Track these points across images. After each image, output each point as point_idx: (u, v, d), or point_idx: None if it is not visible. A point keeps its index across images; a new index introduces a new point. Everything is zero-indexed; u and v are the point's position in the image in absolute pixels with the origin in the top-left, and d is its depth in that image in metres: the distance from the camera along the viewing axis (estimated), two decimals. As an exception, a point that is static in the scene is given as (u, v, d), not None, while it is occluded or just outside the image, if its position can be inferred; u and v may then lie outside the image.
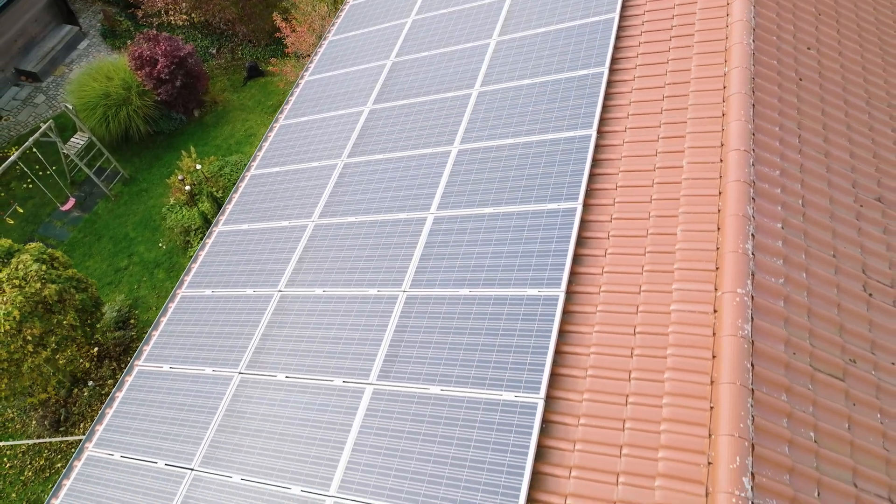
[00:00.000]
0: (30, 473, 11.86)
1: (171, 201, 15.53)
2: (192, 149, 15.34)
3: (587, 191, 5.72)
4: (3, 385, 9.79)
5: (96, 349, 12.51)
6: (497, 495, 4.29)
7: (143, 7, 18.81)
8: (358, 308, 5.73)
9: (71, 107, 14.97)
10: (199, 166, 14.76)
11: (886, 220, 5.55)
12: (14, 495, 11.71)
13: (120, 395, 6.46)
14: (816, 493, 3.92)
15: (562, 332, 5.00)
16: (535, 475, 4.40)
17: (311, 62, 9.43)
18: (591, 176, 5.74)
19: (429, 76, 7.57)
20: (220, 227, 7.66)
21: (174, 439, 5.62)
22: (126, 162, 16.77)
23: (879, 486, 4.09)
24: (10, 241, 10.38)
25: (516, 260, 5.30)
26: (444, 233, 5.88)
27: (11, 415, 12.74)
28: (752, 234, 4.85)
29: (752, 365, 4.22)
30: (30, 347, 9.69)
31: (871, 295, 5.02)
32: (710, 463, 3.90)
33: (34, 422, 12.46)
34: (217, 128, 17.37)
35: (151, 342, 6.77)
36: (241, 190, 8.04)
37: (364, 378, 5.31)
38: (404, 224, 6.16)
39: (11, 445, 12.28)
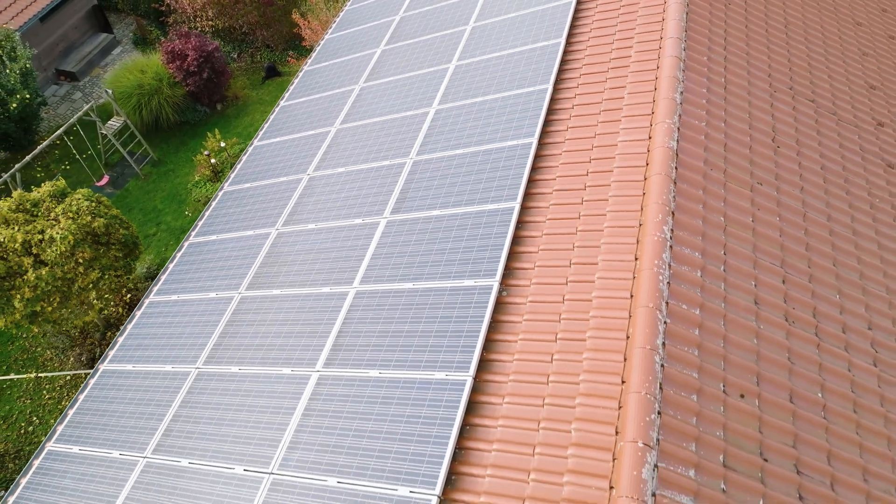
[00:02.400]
0: (66, 403, 13.13)
1: (197, 178, 17.19)
2: (217, 131, 17.06)
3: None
4: (56, 301, 11.18)
5: (129, 296, 13.92)
6: (423, 464, 4.90)
7: (174, 14, 20.86)
8: (311, 305, 6.58)
9: (110, 91, 16.76)
10: (223, 144, 16.45)
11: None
12: (52, 422, 12.96)
13: (83, 397, 7.27)
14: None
15: (493, 322, 5.63)
16: (463, 450, 4.96)
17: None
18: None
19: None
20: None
21: (131, 431, 6.48)
22: (155, 147, 18.49)
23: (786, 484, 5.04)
24: (64, 182, 11.95)
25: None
26: (394, 233, 6.80)
27: (50, 355, 14.09)
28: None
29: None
30: (80, 269, 11.14)
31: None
32: (619, 406, 4.68)
33: (71, 359, 13.81)
34: (238, 118, 19.15)
35: (117, 346, 7.65)
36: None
37: (311, 366, 6.03)
38: (359, 227, 7.19)
39: (51, 379, 13.60)
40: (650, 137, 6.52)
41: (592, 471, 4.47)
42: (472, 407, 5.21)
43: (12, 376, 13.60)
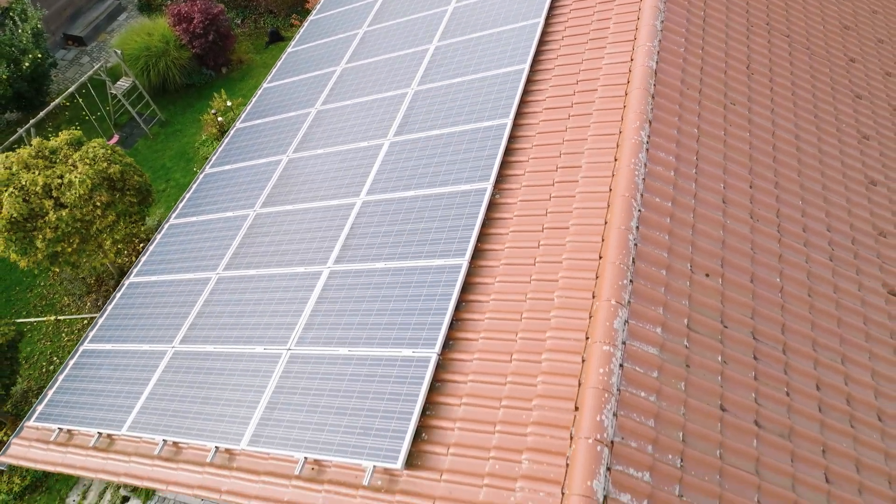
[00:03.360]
0: (84, 344, 13.84)
1: (204, 137, 17.72)
2: (223, 91, 17.58)
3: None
4: (75, 243, 11.80)
5: (141, 246, 14.54)
6: (424, 330, 5.41)
7: (178, -20, 21.24)
8: (322, 215, 7.13)
9: (119, 51, 17.25)
10: (229, 103, 16.98)
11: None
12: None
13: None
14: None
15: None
16: (459, 321, 5.45)
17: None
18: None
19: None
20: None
21: (158, 329, 7.09)
22: (162, 108, 19.00)
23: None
24: (80, 132, 12.51)
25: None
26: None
27: (67, 301, 14.75)
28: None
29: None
30: (98, 212, 11.74)
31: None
32: (597, 277, 5.24)
33: (88, 304, 14.47)
34: (242, 81, 19.64)
35: (141, 263, 8.38)
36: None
37: (323, 264, 6.55)
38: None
39: (69, 323, 14.27)
40: (632, 59, 7.10)
41: (573, 327, 5.11)
42: (467, 287, 5.86)
43: (32, 319, 14.27)
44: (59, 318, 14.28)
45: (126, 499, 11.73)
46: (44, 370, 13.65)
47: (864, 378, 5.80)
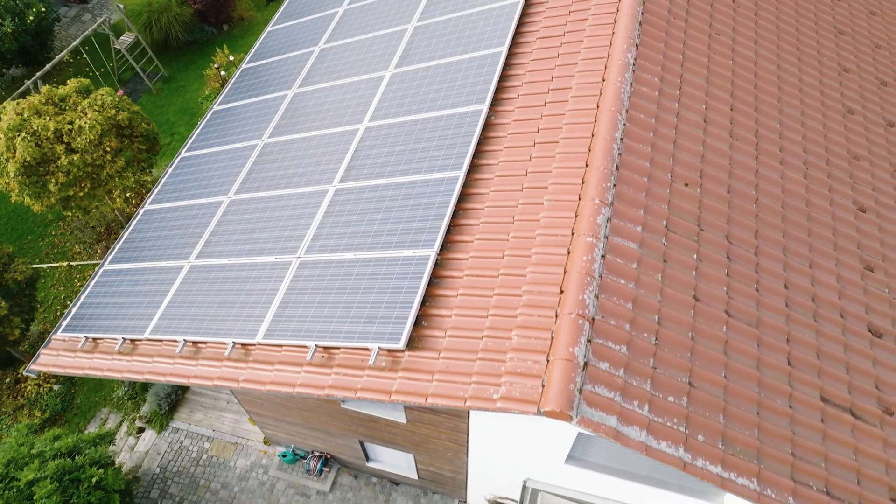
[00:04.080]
0: (96, 289, 14.35)
1: (207, 92, 17.99)
2: (225, 46, 17.79)
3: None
4: (87, 187, 12.21)
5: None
6: (423, 234, 5.85)
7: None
8: (327, 141, 7.51)
9: (122, 6, 17.42)
10: (231, 58, 17.22)
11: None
12: (84, 305, 14.20)
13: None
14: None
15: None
16: (455, 227, 5.94)
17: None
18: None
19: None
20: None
21: (174, 248, 7.53)
22: (165, 65, 19.23)
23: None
24: (88, 80, 12.82)
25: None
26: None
27: (78, 249, 15.22)
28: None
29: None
30: (108, 157, 12.13)
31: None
32: (583, 182, 5.74)
33: (98, 251, 14.94)
34: (244, 38, 19.82)
35: (154, 193, 8.80)
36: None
37: (329, 183, 6.98)
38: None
39: (80, 269, 14.76)
40: (621, -9, 7.43)
41: (560, 225, 5.56)
42: (463, 197, 6.30)
43: (45, 265, 14.75)
44: (71, 264, 14.77)
45: (141, 429, 12.36)
46: (58, 313, 14.18)
47: (829, 281, 6.27)
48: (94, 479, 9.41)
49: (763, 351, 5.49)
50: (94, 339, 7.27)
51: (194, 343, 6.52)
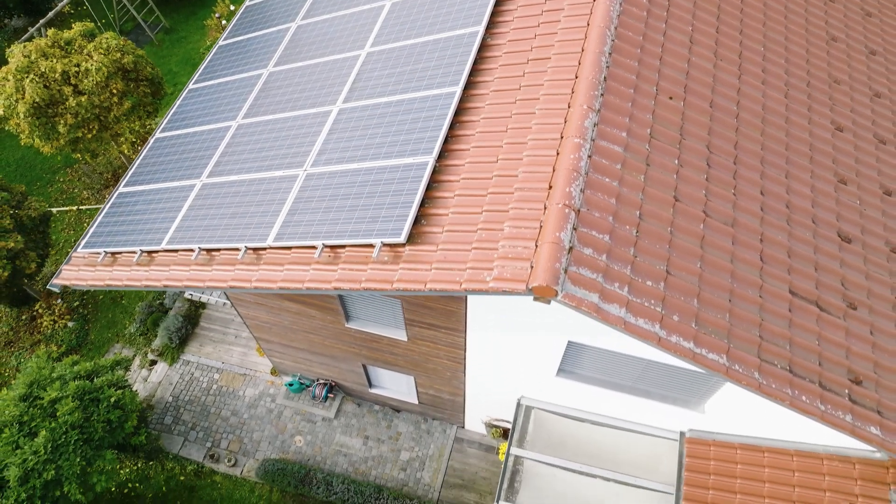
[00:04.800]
0: (106, 232, 14.79)
1: (208, 42, 18.16)
2: (226, -4, 17.89)
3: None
4: (95, 129, 12.54)
5: (154, 141, 15.25)
6: (423, 143, 6.20)
7: None
8: (330, 66, 7.79)
9: (122, -45, 17.47)
10: (232, 7, 17.34)
11: None
12: (94, 247, 14.68)
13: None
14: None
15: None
16: (452, 137, 6.31)
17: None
18: None
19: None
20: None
21: (186, 169, 7.87)
22: (166, 16, 19.33)
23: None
24: (92, 24, 13.04)
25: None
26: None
27: (87, 195, 15.61)
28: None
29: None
30: (115, 99, 12.43)
31: None
32: (572, 92, 6.11)
33: (106, 197, 15.33)
34: (243, -10, 19.88)
35: (164, 122, 9.12)
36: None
37: (332, 104, 7.34)
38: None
39: (89, 213, 15.17)
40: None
41: (550, 129, 5.94)
42: (460, 111, 6.66)
43: (56, 209, 15.16)
44: (80, 208, 15.18)
45: (153, 362, 12.93)
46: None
47: (803, 190, 6.69)
48: (112, 399, 9.97)
49: (737, 247, 5.93)
50: (113, 254, 7.72)
51: (208, 251, 6.96)
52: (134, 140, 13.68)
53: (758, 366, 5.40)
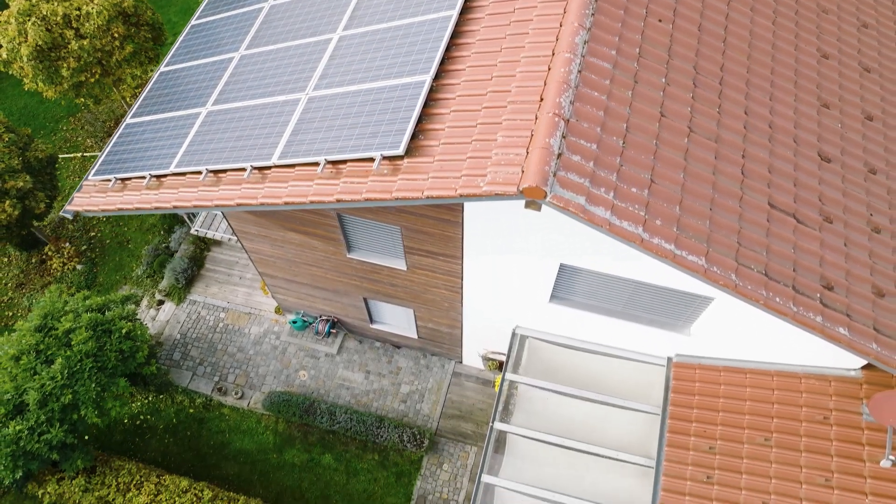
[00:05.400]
0: (110, 179, 15.05)
1: (206, -8, 18.12)
2: (223, -56, 17.79)
3: None
4: (97, 73, 12.70)
5: (156, 89, 15.40)
6: (420, 64, 6.47)
7: None
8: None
9: None
10: (230, -45, 17.26)
11: None
12: (100, 194, 14.97)
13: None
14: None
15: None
16: (448, 59, 6.54)
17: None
18: None
19: None
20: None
21: (191, 99, 8.15)
22: (163, -34, 19.23)
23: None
24: (93, -33, 13.07)
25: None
26: None
27: (90, 143, 15.83)
28: None
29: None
30: (116, 43, 12.56)
31: None
32: (564, 12, 6.57)
33: (110, 144, 15.56)
34: (240, -61, 19.72)
35: (169, 56, 9.25)
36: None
37: (332, 32, 7.53)
38: None
39: (93, 160, 15.42)
40: None
41: (542, 47, 6.18)
42: (456, 34, 6.88)
43: (60, 156, 15.40)
44: (84, 155, 15.41)
45: (161, 302, 13.35)
46: (76, 202, 14.91)
47: (787, 112, 6.95)
48: (123, 331, 10.39)
49: (720, 161, 6.23)
50: (123, 180, 8.02)
51: (215, 172, 7.26)
52: (136, 86, 13.84)
53: (735, 268, 5.75)
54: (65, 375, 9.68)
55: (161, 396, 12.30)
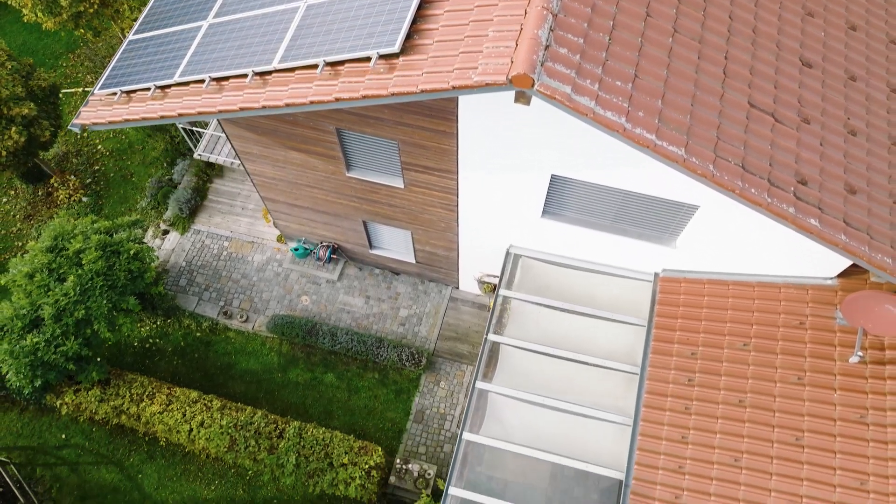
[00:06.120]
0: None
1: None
2: None
3: None
4: (96, 4, 12.77)
5: (154, 24, 15.43)
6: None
7: None
8: None
9: None
10: None
11: None
12: (102, 129, 15.20)
13: None
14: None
15: None
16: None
17: None
18: None
19: None
20: None
21: (193, 13, 8.28)
22: None
23: None
24: None
25: None
26: None
27: (90, 79, 15.95)
28: None
29: None
30: (115, -29, 12.60)
31: None
32: None
33: (110, 80, 15.69)
34: None
35: None
36: None
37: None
38: None
39: (95, 96, 15.58)
40: None
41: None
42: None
43: (62, 91, 15.55)
44: (86, 89, 15.56)
45: (166, 231, 13.73)
46: (78, 136, 15.17)
47: (771, 19, 7.18)
48: (131, 251, 10.79)
49: (702, 61, 6.49)
50: (128, 93, 8.27)
51: (218, 80, 7.51)
52: (134, 19, 13.91)
53: (713, 160, 6.08)
54: (77, 292, 10.12)
55: (169, 321, 12.79)
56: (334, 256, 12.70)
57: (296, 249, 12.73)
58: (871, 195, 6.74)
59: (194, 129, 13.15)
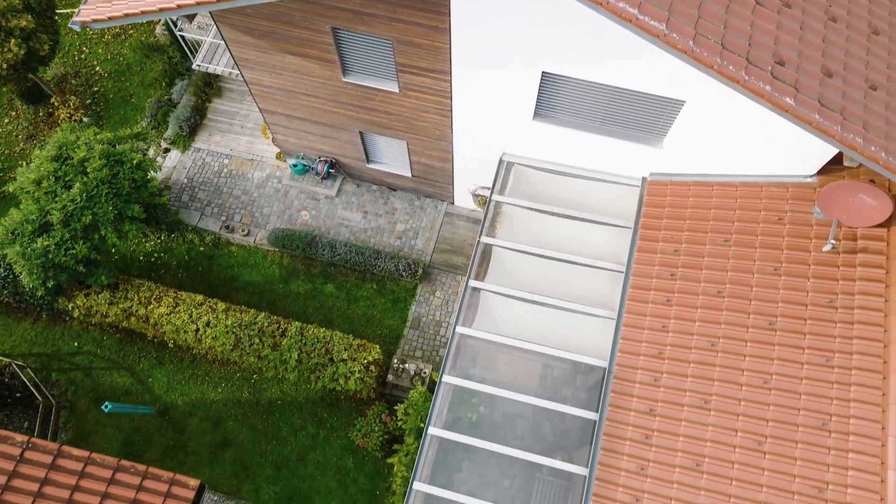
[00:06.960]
0: (109, 36, 15.24)
1: None
2: None
3: None
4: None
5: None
6: None
7: None
8: None
9: None
10: None
11: None
12: (100, 50, 15.26)
13: None
14: None
15: None
16: None
17: None
18: None
19: None
20: None
21: None
22: None
23: None
24: None
25: None
26: None
27: (86, 0, 15.90)
28: None
29: None
30: None
31: None
32: None
33: (106, 1, 15.66)
34: None
35: None
36: None
37: None
38: None
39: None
40: None
41: None
42: None
43: (59, 11, 15.53)
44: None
45: (167, 150, 13.99)
46: (76, 58, 15.25)
47: None
48: (135, 161, 11.08)
49: (687, -58, 6.63)
50: (127, -11, 8.42)
51: (214, -30, 7.66)
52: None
53: (693, 36, 6.31)
54: (83, 199, 10.46)
55: (173, 235, 13.19)
56: (332, 171, 12.99)
57: (294, 166, 13.01)
58: (848, 79, 6.98)
59: (193, 37, 13.20)
